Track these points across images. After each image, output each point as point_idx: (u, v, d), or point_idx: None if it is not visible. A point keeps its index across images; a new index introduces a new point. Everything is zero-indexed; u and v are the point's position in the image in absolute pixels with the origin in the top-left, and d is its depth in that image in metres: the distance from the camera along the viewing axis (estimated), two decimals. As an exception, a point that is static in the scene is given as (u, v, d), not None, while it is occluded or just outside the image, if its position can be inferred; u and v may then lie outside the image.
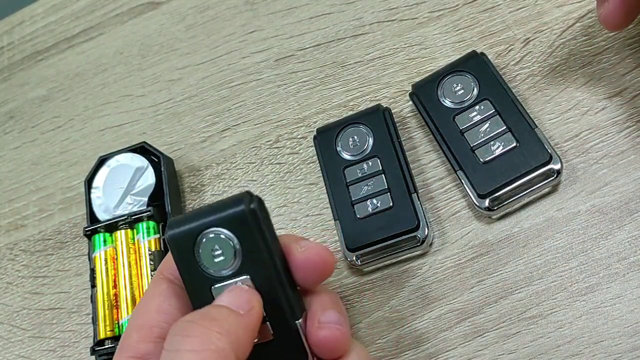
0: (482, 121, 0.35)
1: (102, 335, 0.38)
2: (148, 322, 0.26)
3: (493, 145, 0.34)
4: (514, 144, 0.34)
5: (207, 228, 0.26)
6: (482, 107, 0.35)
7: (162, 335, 0.25)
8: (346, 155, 0.37)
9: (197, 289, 0.26)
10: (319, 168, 0.39)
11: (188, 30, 0.49)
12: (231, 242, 0.26)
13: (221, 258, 0.26)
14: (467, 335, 0.33)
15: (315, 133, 0.39)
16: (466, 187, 0.34)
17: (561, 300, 0.32)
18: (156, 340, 0.26)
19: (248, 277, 0.26)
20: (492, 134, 0.34)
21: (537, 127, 0.34)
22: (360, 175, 0.36)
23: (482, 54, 0.37)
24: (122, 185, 0.41)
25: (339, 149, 0.38)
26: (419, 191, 0.36)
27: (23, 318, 0.43)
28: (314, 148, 0.39)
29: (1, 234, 0.47)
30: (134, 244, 0.40)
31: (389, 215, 0.35)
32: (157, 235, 0.39)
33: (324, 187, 0.38)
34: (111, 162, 0.42)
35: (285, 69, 0.44)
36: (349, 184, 0.36)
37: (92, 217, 0.41)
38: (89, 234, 0.40)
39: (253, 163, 0.42)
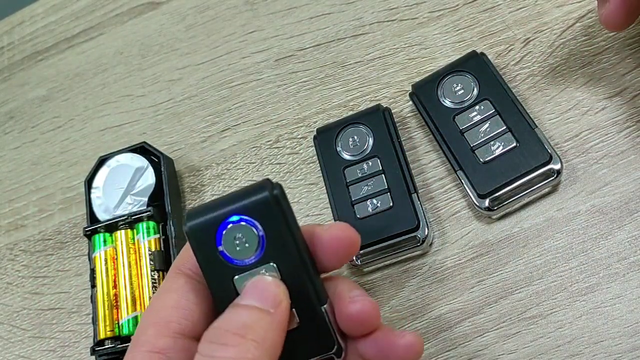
0: (482, 121, 0.35)
1: (102, 336, 0.38)
2: (165, 317, 0.26)
3: (493, 145, 0.34)
4: (514, 144, 0.34)
5: (229, 216, 0.25)
6: (482, 107, 0.35)
7: (181, 331, 0.25)
8: (346, 156, 0.37)
9: (218, 280, 0.26)
10: (319, 168, 0.39)
11: (188, 30, 0.49)
12: (255, 230, 0.25)
13: (245, 246, 0.25)
14: (467, 335, 0.33)
15: (315, 133, 0.39)
16: (466, 187, 0.34)
17: (561, 300, 0.32)
18: (174, 336, 0.25)
19: (273, 264, 0.26)
20: (492, 134, 0.34)
21: (537, 127, 0.34)
22: (360, 175, 0.36)
23: (482, 54, 0.37)
24: (122, 186, 0.41)
25: (339, 149, 0.38)
26: (419, 191, 0.36)
27: (23, 318, 0.43)
28: (314, 148, 0.39)
29: (1, 234, 0.47)
30: (134, 244, 0.40)
31: (389, 215, 0.35)
32: (157, 235, 0.39)
33: (324, 187, 0.38)
34: (111, 162, 0.42)
35: (285, 69, 0.44)
36: (349, 184, 0.36)
37: (92, 217, 0.41)
38: (89, 234, 0.40)
39: (253, 163, 0.42)
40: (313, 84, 0.43)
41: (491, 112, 0.35)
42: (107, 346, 0.37)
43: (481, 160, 0.34)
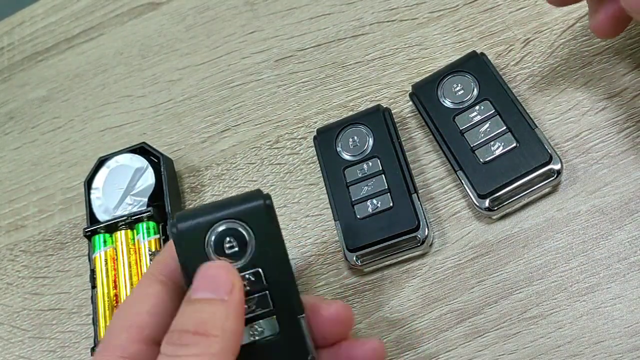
0: (482, 121, 0.35)
1: (102, 336, 0.38)
2: (139, 323, 0.26)
3: (493, 145, 0.34)
4: (514, 144, 0.34)
5: (221, 220, 0.26)
6: (482, 107, 0.35)
7: (153, 338, 0.25)
8: (346, 156, 0.37)
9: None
10: (319, 168, 0.39)
11: (188, 31, 0.49)
12: (246, 235, 0.26)
13: (234, 250, 0.26)
14: (467, 335, 0.33)
15: (315, 133, 0.39)
16: (466, 188, 0.34)
17: (561, 300, 0.32)
18: (147, 343, 0.25)
19: (259, 270, 0.26)
20: (492, 134, 0.34)
21: (537, 127, 0.34)
22: (360, 175, 0.36)
23: (482, 54, 0.37)
24: (122, 186, 0.41)
25: (339, 149, 0.38)
26: (419, 191, 0.36)
27: (23, 319, 0.43)
28: (314, 148, 0.39)
29: (1, 235, 0.47)
30: (134, 244, 0.40)
31: (389, 215, 0.35)
32: (157, 236, 0.39)
33: (324, 188, 0.38)
34: (111, 163, 0.42)
35: (285, 69, 0.44)
36: (349, 184, 0.36)
37: (92, 218, 0.41)
38: (89, 235, 0.40)
39: (253, 163, 0.42)
40: (313, 85, 0.43)
41: (491, 112, 0.35)
42: (107, 347, 0.37)
43: (481, 160, 0.34)
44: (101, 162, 0.43)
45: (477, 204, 0.34)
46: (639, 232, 0.32)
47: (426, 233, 0.34)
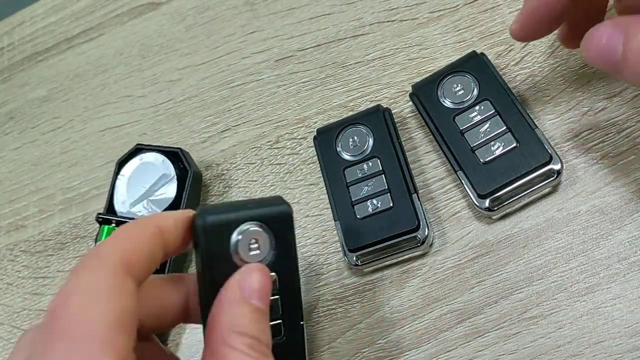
0: (482, 121, 0.35)
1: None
2: (129, 322, 0.23)
3: (493, 145, 0.34)
4: (514, 144, 0.34)
5: (248, 221, 0.26)
6: (482, 107, 0.35)
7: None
8: (346, 156, 0.37)
9: (219, 280, 0.26)
10: (319, 168, 0.39)
11: (188, 31, 0.49)
12: (269, 240, 0.27)
13: (256, 252, 0.26)
14: (467, 335, 0.33)
15: (315, 133, 0.39)
16: (466, 188, 0.34)
17: (561, 300, 0.32)
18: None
19: (274, 274, 0.27)
20: (492, 134, 0.34)
21: (537, 127, 0.34)
22: (360, 175, 0.36)
23: (482, 54, 0.37)
24: (145, 185, 0.41)
25: (339, 149, 0.38)
26: (419, 191, 0.36)
27: (23, 319, 0.43)
28: (314, 148, 0.39)
29: (1, 235, 0.47)
30: None
31: (389, 215, 0.35)
32: None
33: (324, 188, 0.38)
34: (144, 156, 0.42)
35: (285, 69, 0.44)
36: (349, 184, 0.36)
37: (110, 205, 0.41)
38: (101, 221, 0.40)
39: (253, 164, 0.42)
40: (313, 85, 0.43)
41: (491, 112, 0.35)
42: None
43: (481, 160, 0.34)
44: (137, 150, 0.42)
45: (477, 204, 0.34)
46: (639, 232, 0.32)
47: (426, 233, 0.34)
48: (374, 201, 0.35)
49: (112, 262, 0.23)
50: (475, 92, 0.36)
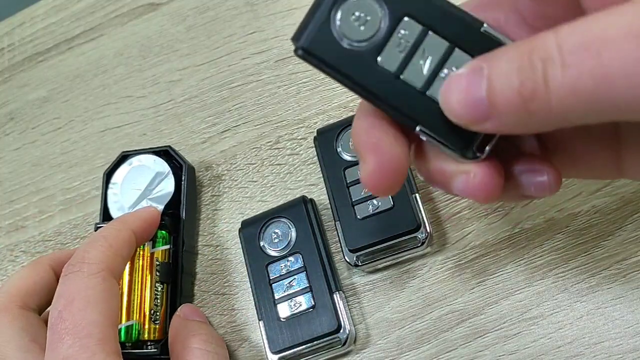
0: None
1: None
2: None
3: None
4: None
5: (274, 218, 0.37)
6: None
7: None
8: (346, 156, 0.37)
9: (257, 266, 0.36)
10: (319, 169, 0.39)
11: (188, 32, 0.49)
12: (291, 229, 0.36)
13: (279, 240, 0.36)
14: (467, 336, 0.33)
15: (315, 134, 0.39)
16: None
17: (562, 300, 0.32)
18: None
19: (300, 255, 0.36)
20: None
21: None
22: (360, 176, 0.36)
23: None
24: (140, 187, 0.41)
25: (339, 149, 0.38)
26: (420, 192, 0.36)
27: (23, 319, 0.43)
28: (314, 149, 0.39)
29: (2, 235, 0.47)
30: (143, 249, 0.38)
31: (389, 216, 0.35)
32: (167, 247, 0.38)
33: (324, 188, 0.38)
34: (133, 161, 0.41)
35: (285, 70, 0.44)
36: (349, 184, 0.36)
37: (105, 213, 0.41)
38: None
39: (253, 164, 0.42)
40: (313, 85, 0.43)
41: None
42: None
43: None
44: (123, 157, 0.42)
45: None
46: (639, 232, 0.32)
47: (426, 233, 0.34)
48: (374, 201, 0.35)
49: (100, 268, 0.30)
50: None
